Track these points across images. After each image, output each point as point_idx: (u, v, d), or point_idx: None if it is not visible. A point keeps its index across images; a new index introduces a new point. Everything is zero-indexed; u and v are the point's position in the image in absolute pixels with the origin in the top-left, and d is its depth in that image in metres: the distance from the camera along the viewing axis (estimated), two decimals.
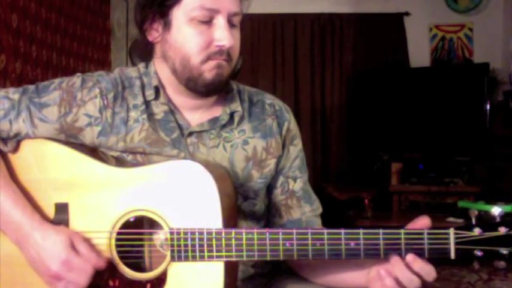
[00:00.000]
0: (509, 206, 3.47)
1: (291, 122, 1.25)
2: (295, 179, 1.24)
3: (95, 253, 1.04)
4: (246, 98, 1.23)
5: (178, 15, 1.09)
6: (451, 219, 3.71)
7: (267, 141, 1.20)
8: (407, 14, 4.78)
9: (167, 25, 1.11)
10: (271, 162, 1.21)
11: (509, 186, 4.00)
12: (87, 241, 1.05)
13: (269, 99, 1.26)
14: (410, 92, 4.34)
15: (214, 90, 1.13)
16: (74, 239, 1.04)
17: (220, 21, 1.08)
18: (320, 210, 1.27)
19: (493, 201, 3.57)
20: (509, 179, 4.10)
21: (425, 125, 4.23)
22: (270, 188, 1.24)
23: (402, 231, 0.98)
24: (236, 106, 1.19)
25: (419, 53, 4.78)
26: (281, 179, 1.23)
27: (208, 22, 1.08)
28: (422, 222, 0.99)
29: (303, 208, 1.23)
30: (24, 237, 1.05)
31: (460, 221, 3.61)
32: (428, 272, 0.96)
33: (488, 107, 4.06)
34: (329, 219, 1.32)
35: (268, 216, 1.25)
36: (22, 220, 1.05)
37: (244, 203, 1.19)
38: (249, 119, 1.21)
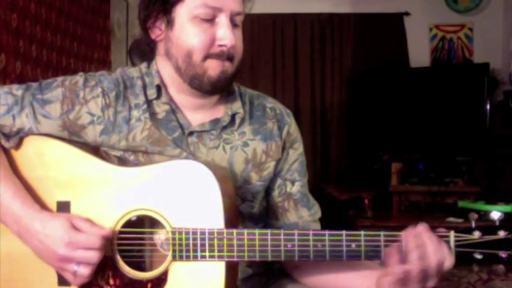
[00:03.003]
0: (509, 206, 3.48)
1: (291, 126, 1.25)
2: (293, 182, 1.24)
3: (97, 226, 1.04)
4: (247, 101, 1.23)
5: (181, 12, 1.10)
6: (451, 219, 3.71)
7: (267, 144, 1.20)
8: (407, 14, 4.78)
9: (170, 23, 1.11)
10: (271, 165, 1.21)
11: (509, 186, 4.00)
12: (87, 219, 1.06)
13: (270, 102, 1.26)
14: (410, 92, 4.34)
15: (220, 88, 1.13)
16: (72, 219, 1.04)
17: (222, 20, 1.09)
18: (319, 214, 1.27)
19: (493, 201, 3.57)
20: (509, 179, 4.10)
21: (425, 125, 4.23)
22: (268, 190, 1.24)
23: (403, 233, 0.98)
24: (238, 107, 1.19)
25: (419, 53, 4.78)
26: (279, 181, 1.23)
27: (211, 20, 1.09)
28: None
29: (300, 212, 1.23)
30: (25, 229, 1.05)
31: (460, 220, 3.61)
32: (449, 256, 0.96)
33: (488, 107, 4.06)
34: (329, 219, 1.33)
35: (266, 219, 1.26)
36: (22, 211, 1.05)
37: (242, 205, 1.19)
38: (250, 122, 1.21)
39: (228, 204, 1.05)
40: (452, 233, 0.97)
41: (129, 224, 1.07)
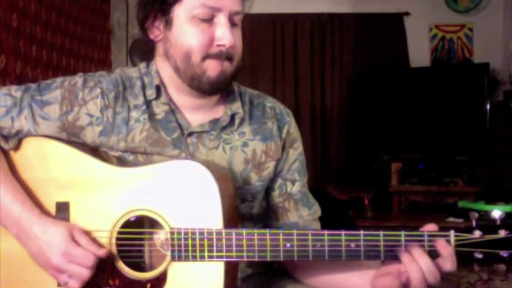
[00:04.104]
0: (509, 206, 3.48)
1: (291, 125, 1.25)
2: (293, 182, 1.24)
3: (95, 244, 1.04)
4: (247, 100, 1.22)
5: (179, 13, 1.09)
6: (451, 219, 3.71)
7: (266, 144, 1.20)
8: (407, 14, 4.78)
9: (168, 23, 1.11)
10: (270, 165, 1.20)
11: (509, 186, 4.00)
12: (87, 233, 1.05)
13: (270, 102, 1.26)
14: (410, 92, 4.34)
15: (219, 88, 1.13)
16: (73, 231, 1.04)
17: (221, 20, 1.09)
18: (318, 213, 1.26)
19: (493, 201, 3.57)
20: (509, 179, 4.10)
21: (425, 125, 4.23)
22: (268, 190, 1.24)
23: (402, 232, 0.98)
24: (237, 108, 1.19)
25: (419, 53, 4.78)
26: (279, 181, 1.23)
27: (209, 20, 1.09)
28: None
29: (300, 212, 1.23)
30: (24, 232, 1.05)
31: (460, 221, 3.61)
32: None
33: (488, 107, 4.06)
34: (329, 219, 1.32)
35: (266, 219, 1.25)
36: (22, 215, 1.05)
37: (241, 205, 1.19)
38: (250, 122, 1.20)
39: (227, 204, 1.04)
40: (452, 232, 0.97)
41: (128, 224, 1.06)
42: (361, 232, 0.99)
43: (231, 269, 1.05)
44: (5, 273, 1.10)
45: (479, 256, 0.96)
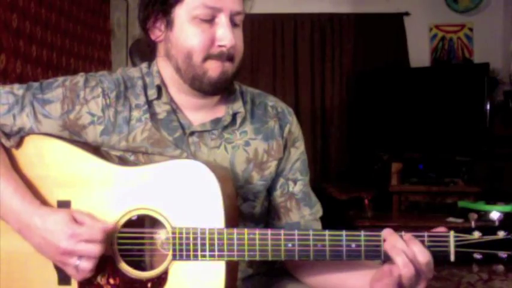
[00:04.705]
0: (509, 206, 3.48)
1: (292, 125, 1.25)
2: (295, 181, 1.24)
3: (99, 220, 1.04)
4: (248, 100, 1.23)
5: (180, 13, 1.10)
6: (451, 219, 3.71)
7: (268, 144, 1.20)
8: (407, 14, 4.78)
9: (170, 24, 1.11)
10: (272, 165, 1.21)
11: (509, 186, 4.00)
12: (88, 213, 1.06)
13: (271, 101, 1.26)
14: (410, 92, 4.34)
15: (220, 88, 1.13)
16: (73, 213, 1.04)
17: (222, 20, 1.09)
18: (320, 213, 1.26)
19: (493, 201, 3.57)
20: (509, 179, 4.10)
21: (425, 125, 4.23)
22: (270, 189, 1.24)
23: (403, 233, 0.98)
24: (239, 107, 1.19)
25: (419, 53, 4.77)
26: (281, 180, 1.23)
27: (210, 21, 1.09)
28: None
29: (302, 211, 1.23)
30: (26, 226, 1.05)
31: (460, 221, 3.62)
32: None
33: (488, 107, 4.06)
34: (329, 219, 1.32)
35: (268, 219, 1.25)
36: (22, 208, 1.05)
37: (243, 205, 1.19)
38: (251, 121, 1.21)
39: (229, 203, 1.05)
40: (452, 233, 0.97)
41: (129, 223, 1.07)
42: (362, 232, 0.99)
43: (231, 269, 1.05)
44: (5, 273, 1.10)
45: (479, 257, 0.96)
